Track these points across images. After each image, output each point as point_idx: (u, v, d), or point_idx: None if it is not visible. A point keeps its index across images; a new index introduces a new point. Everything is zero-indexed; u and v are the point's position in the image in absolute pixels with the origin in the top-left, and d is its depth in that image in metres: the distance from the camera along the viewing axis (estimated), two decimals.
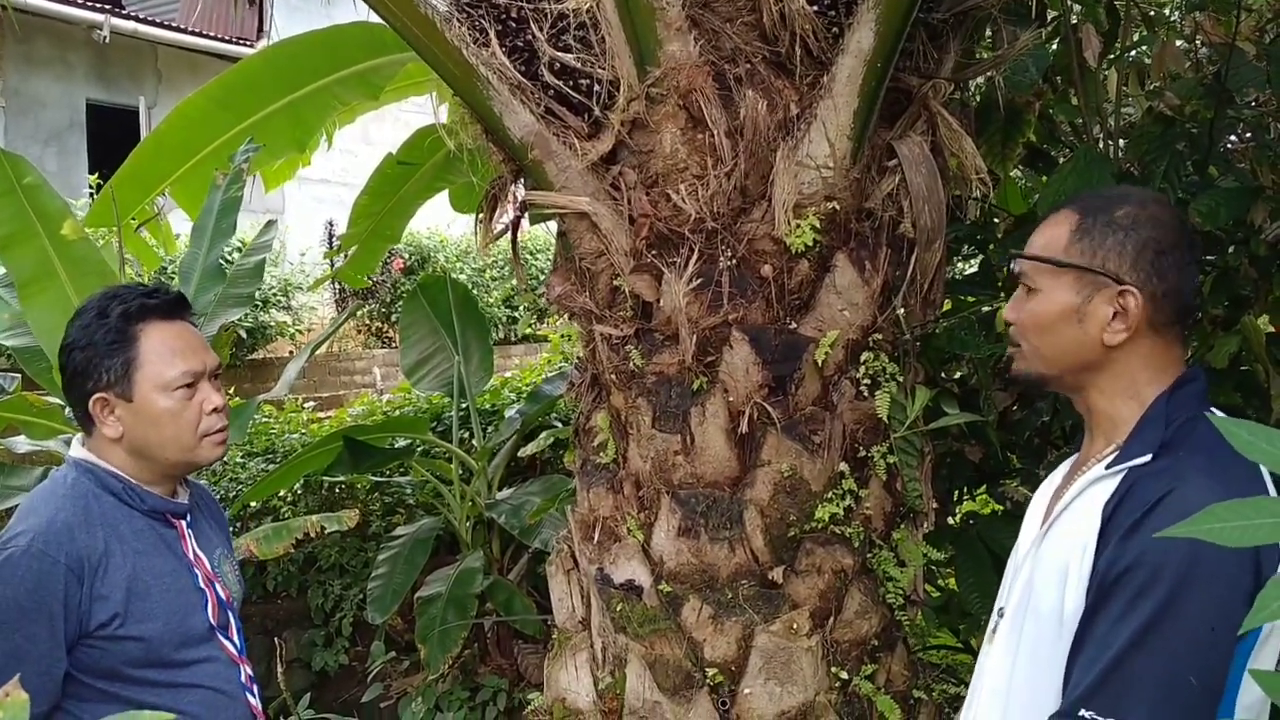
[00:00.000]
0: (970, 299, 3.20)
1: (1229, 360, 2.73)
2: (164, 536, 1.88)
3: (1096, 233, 1.51)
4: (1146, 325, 1.48)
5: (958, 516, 3.48)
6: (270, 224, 4.66)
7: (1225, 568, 1.27)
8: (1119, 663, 1.31)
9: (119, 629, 1.75)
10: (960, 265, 4.05)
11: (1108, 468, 1.46)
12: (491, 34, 2.51)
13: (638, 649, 2.46)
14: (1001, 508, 3.46)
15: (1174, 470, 1.38)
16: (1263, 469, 1.36)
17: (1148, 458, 1.42)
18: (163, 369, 1.83)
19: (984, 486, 3.46)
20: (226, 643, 1.91)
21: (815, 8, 2.36)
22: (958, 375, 3.30)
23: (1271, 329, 2.83)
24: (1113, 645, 1.32)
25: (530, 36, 2.50)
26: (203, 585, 1.90)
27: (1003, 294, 2.91)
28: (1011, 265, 1.62)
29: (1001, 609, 1.61)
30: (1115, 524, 1.38)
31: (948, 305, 3.22)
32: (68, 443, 4.11)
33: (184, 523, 1.93)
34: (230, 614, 1.95)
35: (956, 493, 3.45)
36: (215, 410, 1.88)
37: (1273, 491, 1.35)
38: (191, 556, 1.91)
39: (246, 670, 1.95)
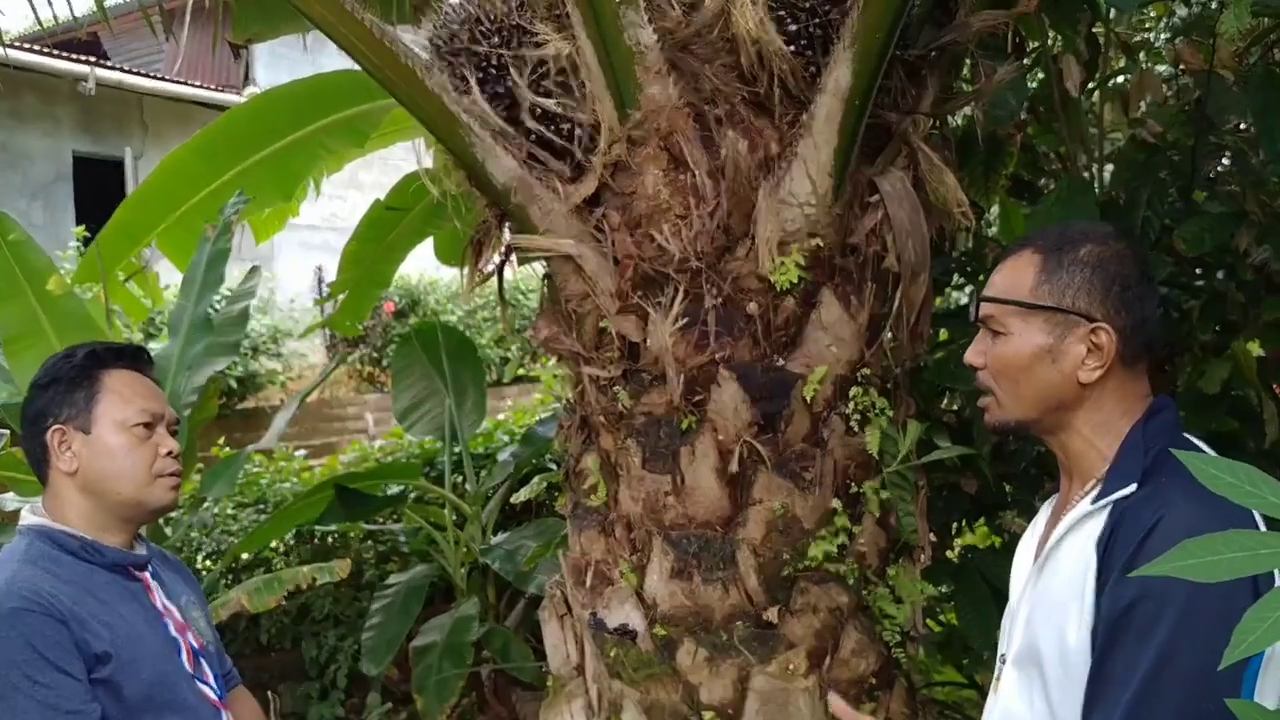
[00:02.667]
0: (961, 330, 3.19)
1: (1220, 386, 2.73)
2: (130, 589, 1.88)
3: (1064, 272, 1.51)
4: (1118, 360, 1.49)
5: (955, 550, 3.46)
6: (254, 270, 4.66)
7: (1226, 592, 1.26)
8: (1139, 699, 1.30)
9: (113, 673, 1.74)
10: (954, 295, 4.05)
11: (1093, 502, 1.45)
12: (472, 82, 2.52)
13: (633, 694, 2.43)
14: (999, 540, 3.45)
15: (1159, 497, 1.37)
16: None
17: (1132, 488, 1.41)
18: (122, 405, 1.89)
19: (981, 519, 3.44)
20: (206, 689, 1.91)
21: (792, 48, 2.37)
22: (954, 408, 3.30)
23: (1262, 353, 2.83)
24: (1130, 683, 1.31)
25: (511, 83, 2.50)
26: (175, 633, 1.90)
27: None
28: (975, 308, 1.60)
29: (1004, 655, 1.60)
30: (1112, 559, 1.37)
31: (944, 335, 3.22)
32: None
33: (148, 575, 1.94)
34: (204, 661, 1.94)
35: (954, 526, 3.43)
36: (170, 454, 1.92)
37: (1259, 518, 1.35)
38: (161, 607, 1.91)
39: (227, 716, 1.95)
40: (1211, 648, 1.26)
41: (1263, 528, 1.26)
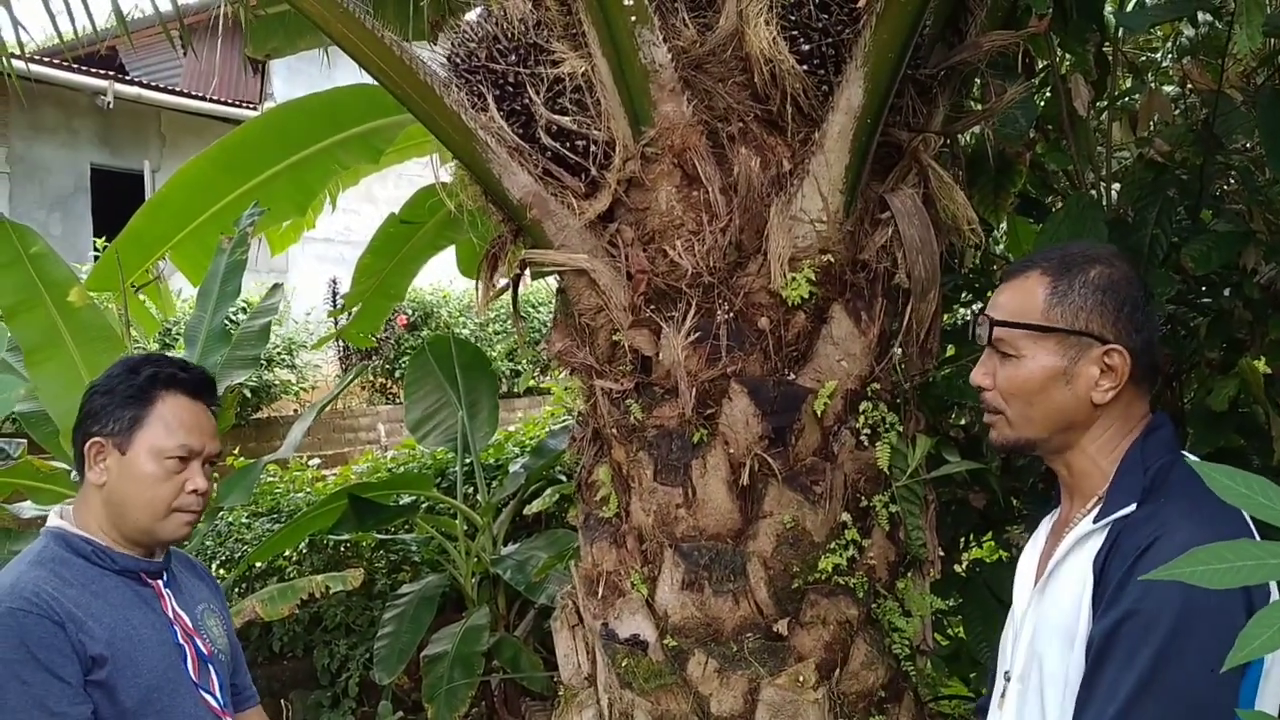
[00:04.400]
0: (970, 346, 3.21)
1: (1228, 403, 2.75)
2: (140, 594, 1.91)
3: (1075, 294, 1.52)
4: (1129, 381, 1.51)
5: (964, 564, 3.48)
6: (276, 287, 4.70)
7: (1219, 609, 1.28)
8: (1125, 714, 1.31)
9: (108, 675, 1.76)
10: (963, 312, 4.07)
11: (1094, 521, 1.47)
12: (489, 99, 2.56)
13: (644, 704, 2.45)
14: (1007, 554, 3.46)
15: (1158, 518, 1.39)
16: None
17: (1132, 507, 1.43)
18: (164, 434, 1.90)
19: (989, 533, 3.46)
20: (208, 697, 1.93)
21: (805, 67, 2.40)
22: (962, 423, 3.31)
23: (1269, 371, 2.85)
24: (1117, 697, 1.32)
25: (527, 100, 2.54)
26: (181, 641, 1.92)
27: None
28: (979, 329, 1.60)
29: (1007, 673, 1.61)
30: (1108, 578, 1.40)
31: (953, 351, 3.24)
32: None
33: (161, 583, 1.96)
34: (211, 668, 1.96)
35: (962, 540, 3.44)
36: (195, 491, 1.92)
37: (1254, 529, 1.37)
38: (171, 614, 1.94)
39: None
40: (1201, 667, 1.28)
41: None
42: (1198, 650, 1.28)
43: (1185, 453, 1.51)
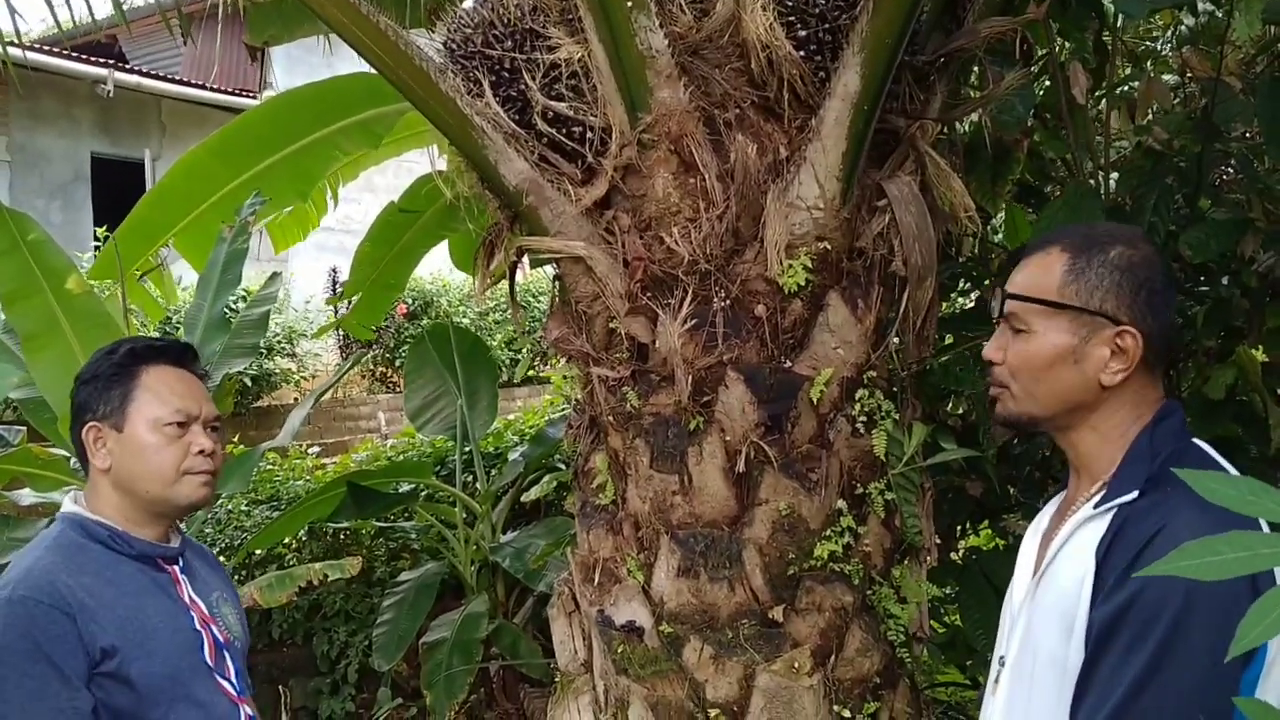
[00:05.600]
0: (968, 334, 3.21)
1: (1225, 391, 2.75)
2: (157, 580, 1.91)
3: (1092, 273, 1.50)
4: (1141, 364, 1.49)
5: (960, 552, 3.48)
6: (275, 276, 4.70)
7: (1223, 600, 1.26)
8: (1125, 706, 1.30)
9: (119, 667, 1.76)
10: (959, 300, 4.07)
11: (1096, 507, 1.46)
12: (485, 85, 2.56)
13: (640, 690, 2.46)
14: (1004, 542, 3.46)
15: (1163, 507, 1.37)
16: None
17: (1135, 495, 1.41)
18: (156, 405, 1.90)
19: (986, 521, 3.46)
20: (224, 683, 1.92)
21: (802, 53, 2.40)
22: (959, 411, 3.31)
23: (1266, 359, 2.85)
24: (1117, 689, 1.31)
25: (523, 86, 2.54)
26: (199, 627, 1.92)
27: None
28: (994, 302, 1.59)
29: (1002, 658, 1.60)
30: (1109, 566, 1.38)
31: (950, 339, 3.24)
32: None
33: (177, 568, 1.96)
34: (227, 654, 1.96)
35: (959, 528, 3.45)
36: (202, 452, 1.92)
37: (1264, 523, 1.35)
38: (187, 600, 1.93)
39: (246, 710, 1.96)
40: (1204, 656, 1.26)
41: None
42: (1201, 640, 1.27)
43: (1196, 441, 1.50)
